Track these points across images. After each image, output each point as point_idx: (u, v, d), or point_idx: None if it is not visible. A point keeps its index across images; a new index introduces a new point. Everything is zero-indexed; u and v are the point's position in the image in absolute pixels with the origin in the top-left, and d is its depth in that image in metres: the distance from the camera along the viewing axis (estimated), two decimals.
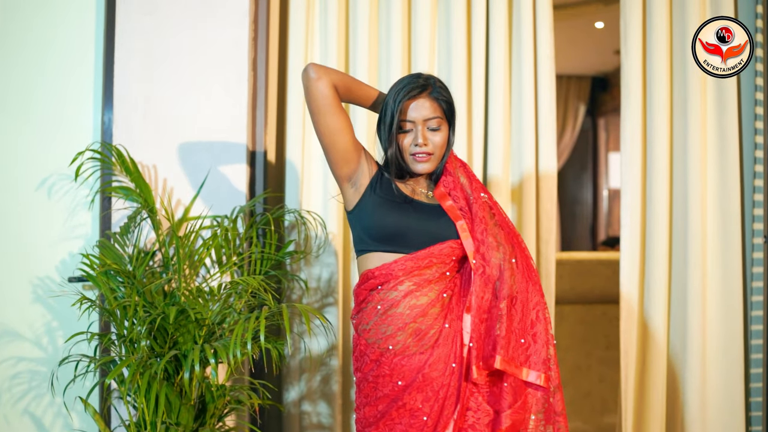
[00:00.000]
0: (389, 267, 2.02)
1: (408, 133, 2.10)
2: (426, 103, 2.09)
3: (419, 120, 2.08)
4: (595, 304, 3.91)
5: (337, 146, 2.07)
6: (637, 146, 3.00)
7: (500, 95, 3.00)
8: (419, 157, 2.10)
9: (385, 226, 2.05)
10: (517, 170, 3.05)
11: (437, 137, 2.10)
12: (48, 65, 2.84)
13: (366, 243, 2.09)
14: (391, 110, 2.08)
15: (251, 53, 2.84)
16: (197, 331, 2.31)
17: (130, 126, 2.77)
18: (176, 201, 2.78)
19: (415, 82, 2.10)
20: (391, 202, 2.09)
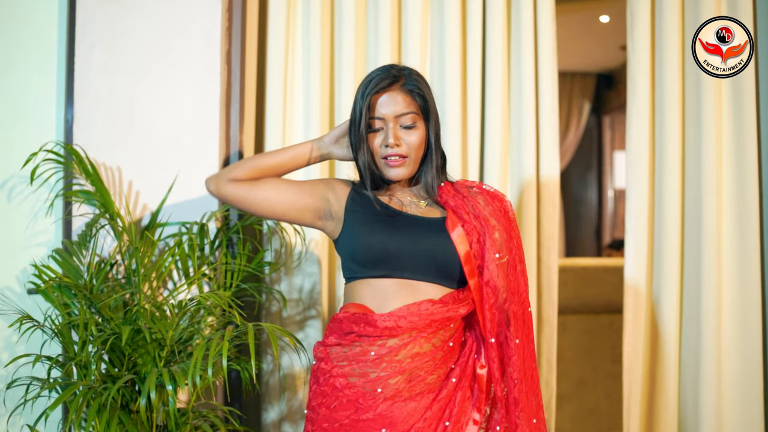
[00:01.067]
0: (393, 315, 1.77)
1: (378, 132, 1.85)
2: (398, 96, 1.83)
3: (390, 116, 1.83)
4: (601, 313, 3.70)
5: (298, 215, 1.92)
6: (645, 145, 2.78)
7: (498, 93, 2.78)
8: (391, 161, 1.84)
9: (369, 247, 1.79)
10: (516, 172, 2.82)
11: (412, 136, 1.85)
12: (8, 58, 2.61)
13: (353, 269, 1.83)
14: (359, 107, 1.83)
15: (225, 45, 2.61)
16: (158, 351, 2.08)
17: (92, 124, 2.54)
18: (142, 206, 2.55)
19: (386, 73, 1.85)
20: (374, 218, 1.83)
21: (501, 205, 1.89)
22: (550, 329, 2.83)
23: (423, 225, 1.84)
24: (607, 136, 7.97)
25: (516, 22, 2.80)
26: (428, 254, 1.79)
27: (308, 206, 1.89)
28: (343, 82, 2.74)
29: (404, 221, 1.84)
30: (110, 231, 2.36)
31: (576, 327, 3.69)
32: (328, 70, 2.79)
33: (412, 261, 1.78)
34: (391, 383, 1.73)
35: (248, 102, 2.74)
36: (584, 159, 8.10)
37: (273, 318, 2.71)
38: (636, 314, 2.76)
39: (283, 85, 2.74)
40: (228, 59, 2.63)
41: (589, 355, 3.72)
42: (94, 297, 2.17)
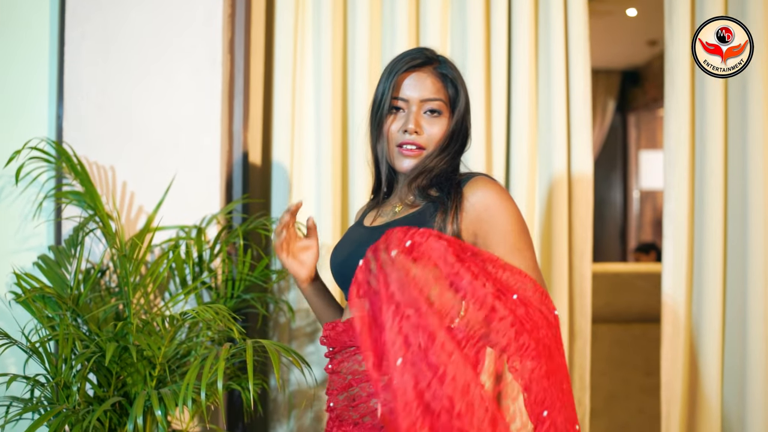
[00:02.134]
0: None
1: (398, 115, 1.64)
2: (428, 79, 1.63)
3: (415, 99, 1.62)
4: (634, 322, 3.46)
5: None
6: (684, 144, 2.54)
7: (525, 85, 2.55)
8: (406, 150, 1.62)
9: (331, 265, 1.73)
10: (545, 170, 2.59)
11: (435, 127, 1.63)
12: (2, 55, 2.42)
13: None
14: (383, 86, 1.62)
15: (227, 33, 2.40)
16: (149, 370, 1.86)
17: (83, 120, 2.34)
18: (137, 208, 2.34)
19: (419, 53, 1.64)
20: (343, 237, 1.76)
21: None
22: (582, 342, 2.60)
23: (367, 235, 1.65)
24: (633, 135, 7.72)
25: (544, 11, 2.57)
26: (348, 268, 1.60)
27: None
28: (357, 73, 2.52)
29: (357, 234, 1.71)
30: (101, 235, 2.15)
31: (606, 337, 3.46)
32: (340, 60, 2.57)
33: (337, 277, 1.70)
34: (335, 402, 1.60)
35: (254, 95, 2.53)
36: (609, 159, 7.85)
37: (281, 330, 2.49)
38: (674, 326, 2.53)
39: (292, 77, 2.52)
40: (231, 48, 2.42)
41: (621, 368, 3.49)
42: (80, 308, 1.96)
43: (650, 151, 7.57)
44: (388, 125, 1.63)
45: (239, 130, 2.44)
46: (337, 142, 2.53)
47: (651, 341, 3.48)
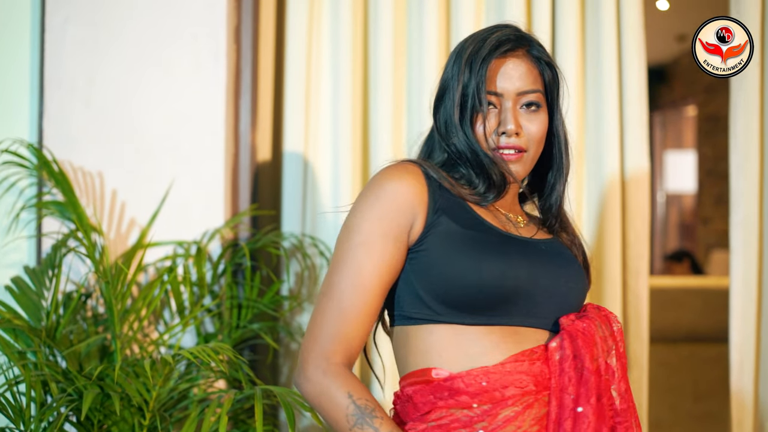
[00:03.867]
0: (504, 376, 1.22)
1: (488, 111, 1.33)
2: (522, 66, 1.34)
3: (511, 92, 1.33)
4: (681, 342, 3.19)
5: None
6: (755, 144, 2.26)
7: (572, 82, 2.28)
8: (506, 154, 1.32)
9: (498, 283, 1.24)
10: (595, 178, 2.31)
11: (534, 124, 1.34)
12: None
13: (433, 309, 1.26)
14: (471, 78, 1.31)
15: (233, 20, 2.10)
16: (138, 419, 1.56)
17: (66, 119, 2.04)
18: (129, 221, 2.03)
19: (508, 32, 1.35)
20: (490, 237, 1.29)
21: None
22: (639, 371, 2.31)
23: (553, 252, 1.35)
24: (658, 135, 7.46)
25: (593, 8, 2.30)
26: (572, 294, 1.33)
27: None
28: (380, 65, 2.22)
29: (532, 248, 1.33)
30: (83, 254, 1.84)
31: (652, 358, 3.19)
32: (360, 52, 2.26)
33: (549, 307, 1.29)
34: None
35: (263, 91, 2.23)
36: None
37: (293, 357, 2.18)
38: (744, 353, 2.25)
39: (306, 70, 2.22)
40: (237, 38, 2.12)
41: (667, 393, 3.24)
42: (57, 342, 1.66)
43: (677, 152, 7.29)
44: (476, 124, 1.33)
45: (246, 131, 2.14)
46: (357, 143, 2.23)
47: (700, 363, 3.26)
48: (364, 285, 1.23)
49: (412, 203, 1.26)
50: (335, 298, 1.24)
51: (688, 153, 7.15)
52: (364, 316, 1.24)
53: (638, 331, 2.30)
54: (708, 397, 3.15)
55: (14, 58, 2.11)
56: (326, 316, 1.24)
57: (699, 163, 6.60)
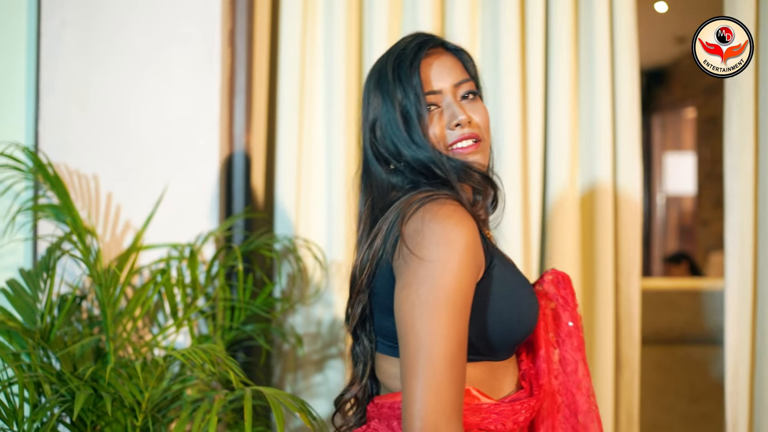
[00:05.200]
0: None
1: (434, 111, 1.32)
2: (447, 60, 1.35)
3: (448, 87, 1.32)
4: (676, 344, 3.17)
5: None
6: (749, 145, 2.25)
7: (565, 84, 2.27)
8: (462, 148, 1.30)
9: (535, 320, 1.30)
10: (587, 180, 2.30)
11: (478, 114, 1.33)
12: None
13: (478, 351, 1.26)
14: (407, 89, 1.29)
15: (227, 22, 2.10)
16: (130, 419, 1.57)
17: (62, 122, 2.05)
18: (124, 223, 2.04)
19: (418, 37, 1.35)
20: (516, 272, 1.33)
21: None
22: (630, 373, 2.30)
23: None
24: (657, 137, 7.43)
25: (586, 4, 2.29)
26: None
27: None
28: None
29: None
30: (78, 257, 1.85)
31: (646, 361, 3.18)
32: (355, 55, 2.26)
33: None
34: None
35: (257, 93, 2.23)
36: None
37: (285, 358, 2.19)
38: (740, 355, 2.24)
39: (300, 72, 2.22)
40: (232, 40, 2.13)
41: (662, 394, 3.21)
42: (51, 344, 1.67)
43: (676, 154, 7.27)
44: (429, 131, 1.30)
45: (241, 134, 2.15)
46: (351, 145, 2.22)
47: (695, 365, 3.22)
48: (462, 350, 1.16)
49: (479, 250, 1.22)
50: (443, 372, 1.12)
51: (687, 155, 7.13)
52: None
53: (630, 333, 2.30)
54: (703, 398, 3.12)
55: (10, 61, 2.12)
56: (446, 390, 1.12)
57: (698, 165, 6.59)
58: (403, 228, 1.20)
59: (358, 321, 1.34)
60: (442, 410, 1.11)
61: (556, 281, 1.41)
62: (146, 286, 1.72)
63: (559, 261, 2.26)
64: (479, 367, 1.26)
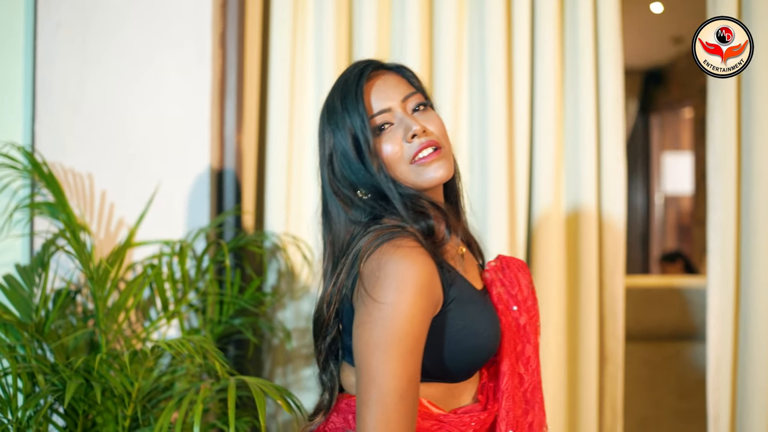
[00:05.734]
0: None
1: (384, 134, 1.33)
2: (390, 78, 1.36)
3: (396, 103, 1.34)
4: (666, 341, 3.20)
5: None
6: (731, 146, 2.28)
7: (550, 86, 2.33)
8: (425, 158, 1.31)
9: (486, 347, 1.34)
10: (572, 181, 2.35)
11: (432, 124, 1.34)
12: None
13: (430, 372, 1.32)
14: (355, 117, 1.31)
15: (218, 25, 2.16)
16: (121, 409, 1.62)
17: (57, 121, 2.11)
18: (117, 221, 2.10)
19: (358, 64, 1.37)
20: (479, 300, 1.37)
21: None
22: (614, 367, 2.35)
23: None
24: (656, 137, 7.45)
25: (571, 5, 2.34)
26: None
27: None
28: None
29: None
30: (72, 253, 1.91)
31: (636, 356, 3.21)
32: (345, 56, 2.31)
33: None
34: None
35: (249, 94, 2.28)
36: (630, 162, 7.55)
37: (275, 352, 2.24)
38: (722, 350, 2.27)
39: (291, 74, 2.27)
40: (222, 42, 2.18)
41: (652, 390, 3.24)
42: (45, 336, 1.73)
43: (674, 154, 7.29)
44: (382, 151, 1.32)
45: (231, 134, 2.20)
46: None
47: (685, 361, 3.25)
48: (413, 385, 1.21)
49: (434, 289, 1.25)
50: (392, 406, 1.18)
51: (685, 155, 7.15)
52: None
53: (614, 329, 2.34)
54: (692, 394, 3.15)
55: (8, 63, 2.17)
56: (391, 422, 1.17)
57: (696, 165, 6.61)
58: (362, 268, 1.24)
59: (327, 353, 1.37)
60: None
61: (500, 267, 1.44)
62: (137, 279, 1.77)
63: (545, 257, 2.31)
64: (435, 387, 1.32)
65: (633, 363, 3.21)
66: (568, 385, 2.36)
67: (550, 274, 2.32)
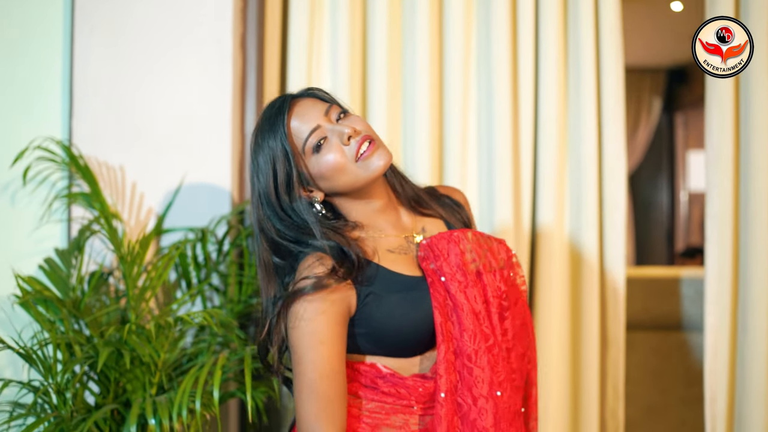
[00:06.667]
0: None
1: (322, 149, 1.45)
2: (306, 101, 1.49)
3: (320, 119, 1.46)
4: (674, 330, 3.28)
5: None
6: (728, 142, 2.38)
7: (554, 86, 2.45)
8: (365, 153, 1.44)
9: (411, 328, 1.48)
10: (575, 173, 2.46)
11: (357, 123, 1.47)
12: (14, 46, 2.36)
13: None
14: (274, 153, 1.45)
15: (239, 27, 2.32)
16: (148, 377, 1.79)
17: (93, 119, 2.29)
18: (147, 210, 2.28)
19: (275, 103, 1.50)
20: (394, 291, 1.49)
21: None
22: (616, 350, 2.46)
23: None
24: (680, 134, 7.46)
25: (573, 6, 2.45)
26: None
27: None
28: (376, 71, 2.43)
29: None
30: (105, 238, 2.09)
31: (645, 345, 3.29)
32: (359, 60, 2.47)
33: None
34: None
35: (268, 93, 2.44)
36: (655, 159, 7.60)
37: None
38: (718, 336, 2.37)
39: (307, 75, 2.44)
40: (243, 44, 2.34)
41: (660, 378, 3.31)
42: (81, 312, 1.90)
43: (699, 151, 7.30)
44: (322, 165, 1.44)
45: (251, 130, 2.36)
46: None
47: (692, 350, 3.31)
48: (339, 379, 1.37)
49: (340, 306, 1.39)
50: (313, 392, 1.34)
51: None
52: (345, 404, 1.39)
53: (616, 314, 2.45)
54: (698, 382, 3.20)
55: (48, 64, 2.34)
56: (320, 421, 1.34)
57: None
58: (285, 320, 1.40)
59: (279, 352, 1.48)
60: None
61: (429, 244, 1.49)
62: (164, 258, 1.94)
63: (549, 246, 2.43)
64: (392, 360, 1.46)
65: (641, 352, 3.29)
66: (571, 368, 2.48)
67: (554, 262, 2.44)
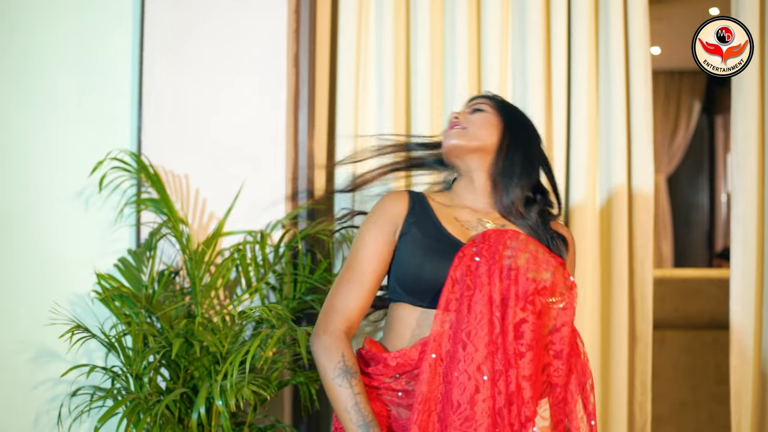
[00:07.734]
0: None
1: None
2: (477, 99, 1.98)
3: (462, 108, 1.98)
4: (705, 329, 3.40)
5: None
6: (753, 145, 2.50)
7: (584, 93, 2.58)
8: (449, 130, 1.88)
9: (423, 274, 1.75)
10: (605, 178, 2.61)
11: (475, 115, 1.87)
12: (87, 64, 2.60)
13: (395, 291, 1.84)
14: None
15: (292, 48, 2.53)
16: (213, 365, 2.00)
17: (160, 131, 2.51)
18: (209, 214, 2.49)
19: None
20: (429, 238, 1.80)
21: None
22: (644, 347, 2.59)
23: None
24: (720, 137, 7.49)
25: (604, 14, 2.59)
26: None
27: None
28: (419, 87, 2.60)
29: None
30: (173, 240, 2.31)
31: (676, 343, 3.42)
32: (403, 76, 2.65)
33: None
34: None
35: (319, 107, 2.64)
36: (695, 162, 7.64)
37: None
38: (743, 334, 2.49)
39: (355, 90, 2.62)
40: (296, 62, 2.55)
41: (690, 375, 3.43)
42: (153, 307, 2.12)
43: None
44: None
45: (304, 141, 2.56)
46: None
47: (722, 348, 3.40)
48: (363, 272, 1.74)
49: (394, 220, 1.79)
50: (342, 283, 1.74)
51: None
52: (362, 295, 1.74)
53: (644, 312, 2.58)
54: (728, 380, 3.31)
55: (119, 82, 2.57)
56: (335, 296, 1.74)
57: None
58: None
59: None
60: (324, 315, 1.73)
61: (486, 233, 1.68)
62: (226, 261, 2.15)
63: (580, 246, 2.57)
64: (407, 310, 1.71)
65: (673, 350, 3.42)
66: (602, 363, 2.62)
67: (586, 262, 2.58)
